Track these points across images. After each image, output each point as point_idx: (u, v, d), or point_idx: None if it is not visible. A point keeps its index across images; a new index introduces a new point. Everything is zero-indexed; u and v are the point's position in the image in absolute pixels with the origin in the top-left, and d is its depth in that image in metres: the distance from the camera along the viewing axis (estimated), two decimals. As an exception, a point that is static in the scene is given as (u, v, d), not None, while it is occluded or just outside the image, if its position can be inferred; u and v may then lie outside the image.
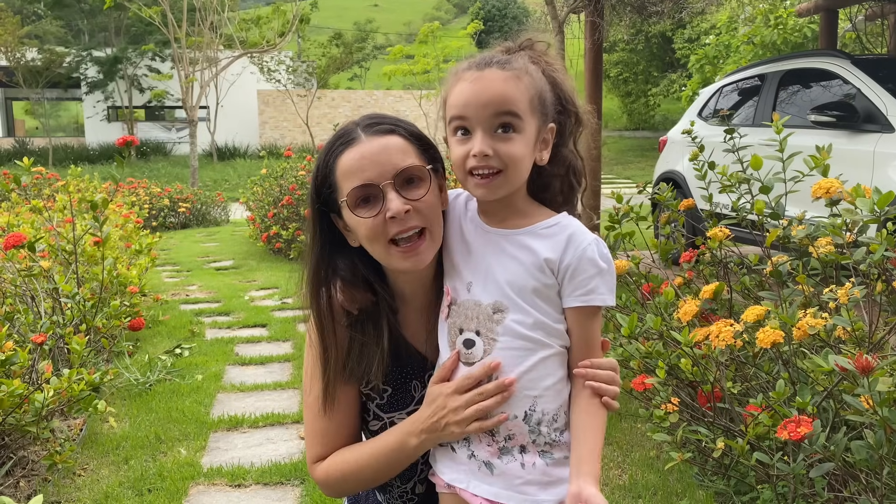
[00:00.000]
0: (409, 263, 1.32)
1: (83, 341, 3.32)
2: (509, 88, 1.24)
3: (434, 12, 67.06)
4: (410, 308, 1.45)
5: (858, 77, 5.52)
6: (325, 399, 1.40)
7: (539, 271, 1.28)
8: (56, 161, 25.68)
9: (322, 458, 1.44)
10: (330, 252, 1.40)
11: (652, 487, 2.93)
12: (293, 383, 4.44)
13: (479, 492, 1.30)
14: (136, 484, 3.12)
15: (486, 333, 1.29)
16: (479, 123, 1.24)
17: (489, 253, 1.32)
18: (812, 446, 1.81)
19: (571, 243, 1.27)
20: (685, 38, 24.18)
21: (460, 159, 1.26)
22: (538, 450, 1.29)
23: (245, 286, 7.59)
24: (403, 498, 1.52)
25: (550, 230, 1.30)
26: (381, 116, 1.40)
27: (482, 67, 1.26)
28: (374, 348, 1.39)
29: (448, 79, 1.32)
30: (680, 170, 7.22)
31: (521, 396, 1.28)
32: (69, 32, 31.88)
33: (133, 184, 13.32)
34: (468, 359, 1.30)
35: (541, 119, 1.28)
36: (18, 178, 4.04)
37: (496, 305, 1.28)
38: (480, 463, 1.30)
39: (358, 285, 1.39)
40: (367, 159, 1.32)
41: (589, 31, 7.48)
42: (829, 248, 2.42)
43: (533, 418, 1.28)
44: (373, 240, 1.32)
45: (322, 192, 1.38)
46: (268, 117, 29.99)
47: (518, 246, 1.30)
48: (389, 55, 17.98)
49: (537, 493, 1.28)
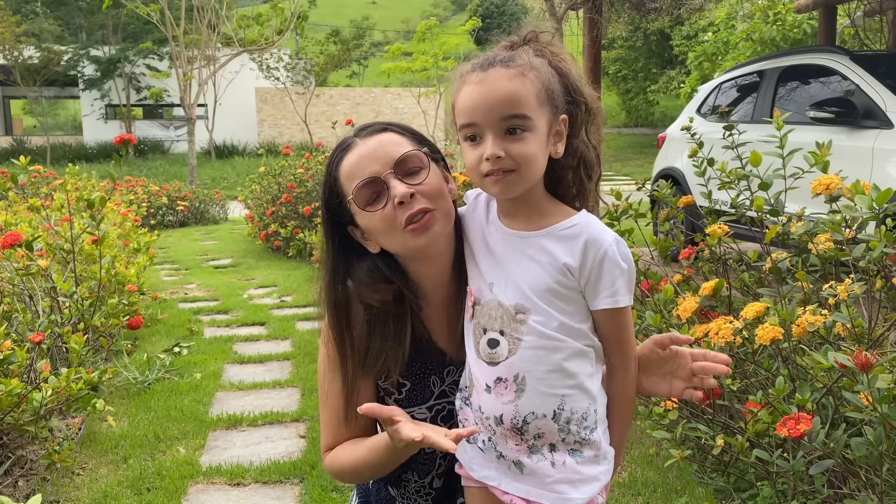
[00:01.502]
0: (423, 241, 1.33)
1: (81, 340, 3.31)
2: (515, 87, 1.22)
3: (432, 9, 66.93)
4: (431, 304, 1.45)
5: (857, 73, 5.51)
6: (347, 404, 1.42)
7: (559, 274, 1.27)
8: (54, 160, 25.63)
9: (332, 448, 1.47)
10: (346, 259, 1.42)
11: (651, 485, 2.93)
12: (292, 381, 4.44)
13: (510, 489, 1.31)
14: (135, 483, 3.12)
15: (510, 333, 1.28)
16: (489, 127, 1.23)
17: (510, 255, 1.31)
18: (812, 443, 1.81)
19: (591, 247, 1.26)
20: (683, 35, 24.16)
21: (474, 164, 1.26)
22: (568, 448, 1.29)
23: (244, 284, 7.58)
24: (420, 492, 1.52)
25: (569, 231, 1.29)
26: (373, 122, 1.44)
27: (486, 68, 1.25)
28: (396, 346, 1.40)
29: (453, 82, 1.32)
30: (679, 166, 7.22)
31: (548, 396, 1.27)
32: (66, 30, 31.83)
33: (131, 182, 13.31)
34: (492, 358, 1.30)
35: (551, 112, 1.26)
36: (16, 177, 4.04)
37: (518, 307, 1.28)
38: (510, 462, 1.31)
39: (378, 283, 1.40)
40: (365, 157, 1.35)
41: (587, 27, 7.48)
42: (829, 244, 2.41)
43: (562, 417, 1.28)
44: (387, 231, 1.34)
45: (331, 203, 1.40)
46: (266, 115, 29.94)
47: (537, 248, 1.29)
48: (388, 53, 17.91)
49: (569, 491, 1.28)
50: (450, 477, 1.49)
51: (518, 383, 1.27)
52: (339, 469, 1.44)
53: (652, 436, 2.66)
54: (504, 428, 1.29)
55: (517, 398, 1.28)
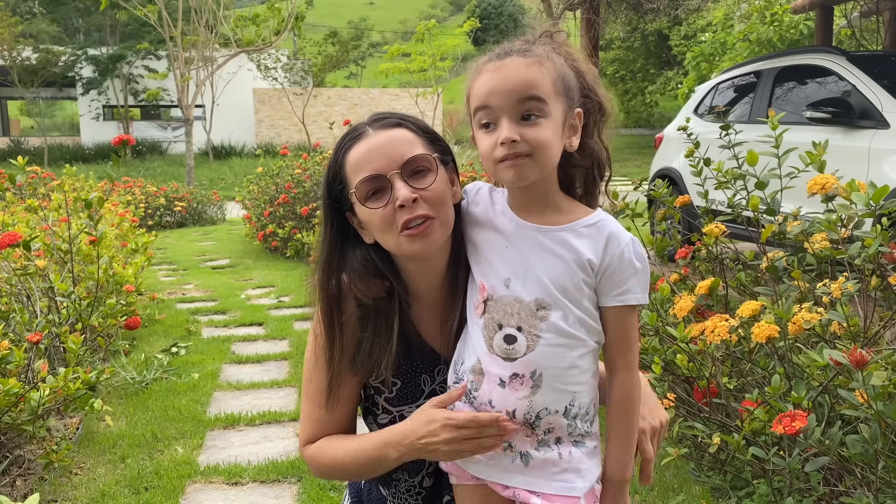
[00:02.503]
0: (417, 246, 1.32)
1: (79, 340, 3.31)
2: (532, 73, 1.23)
3: (430, 10, 66.98)
4: (423, 304, 1.45)
5: (854, 73, 5.52)
6: (329, 394, 1.40)
7: (581, 270, 1.27)
8: (51, 160, 25.60)
9: (313, 441, 1.45)
10: (342, 245, 1.41)
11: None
12: (290, 381, 4.44)
13: (514, 483, 1.31)
14: (133, 482, 3.12)
15: (528, 329, 1.28)
16: (504, 111, 1.23)
17: (528, 249, 1.30)
18: (807, 441, 1.82)
19: (610, 244, 1.27)
20: (681, 36, 24.19)
21: (488, 150, 1.25)
22: (572, 440, 1.31)
23: (241, 285, 7.58)
24: (411, 492, 1.52)
25: (590, 229, 1.29)
26: (389, 112, 1.41)
27: (503, 57, 1.26)
28: (385, 343, 1.39)
29: (469, 74, 1.32)
30: (676, 166, 7.23)
31: (562, 392, 1.29)
32: (64, 31, 31.79)
33: (129, 183, 13.30)
34: (509, 354, 1.28)
35: (566, 103, 1.27)
36: (13, 178, 4.03)
37: (539, 302, 1.27)
38: (517, 454, 1.31)
39: (371, 276, 1.39)
40: (374, 151, 1.33)
41: (585, 28, 7.49)
42: (825, 243, 2.42)
43: (571, 412, 1.30)
44: (384, 230, 1.33)
45: (333, 188, 1.39)
46: (264, 116, 29.92)
47: (559, 243, 1.29)
48: (387, 55, 17.92)
49: (574, 479, 1.30)
50: (440, 475, 1.49)
51: (535, 379, 1.28)
52: (326, 462, 1.42)
53: (649, 434, 2.66)
54: (515, 422, 1.29)
55: (532, 394, 1.28)
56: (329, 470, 1.45)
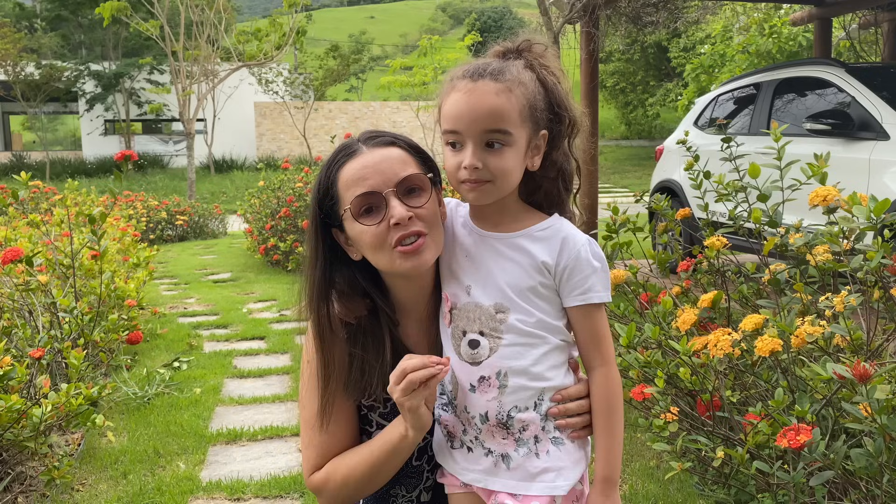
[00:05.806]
0: (410, 264, 1.34)
1: (81, 355, 3.31)
2: (500, 102, 1.27)
3: (430, 23, 67.34)
4: (412, 319, 1.46)
5: (853, 85, 5.54)
6: (324, 413, 1.41)
7: (537, 273, 1.33)
8: (53, 175, 25.68)
9: (319, 467, 1.44)
10: (331, 265, 1.41)
11: (652, 497, 2.92)
12: (292, 396, 4.43)
13: (497, 486, 1.35)
14: (135, 499, 3.11)
15: (490, 333, 1.33)
16: (471, 137, 1.28)
17: (486, 256, 1.36)
18: (812, 454, 1.81)
19: (566, 246, 1.32)
20: (681, 48, 24.29)
21: (453, 169, 1.32)
22: (549, 437, 1.34)
23: (243, 298, 7.58)
24: None
25: (545, 233, 1.35)
26: (380, 131, 1.43)
27: (476, 78, 1.29)
28: (374, 362, 1.40)
29: (444, 84, 1.35)
30: (677, 179, 7.24)
31: (529, 389, 1.33)
32: (66, 46, 31.95)
33: (130, 197, 13.32)
34: (475, 358, 1.34)
35: (532, 128, 1.31)
36: (16, 193, 4.05)
37: (498, 306, 1.33)
38: (497, 458, 1.35)
39: (355, 296, 1.40)
40: (369, 168, 1.34)
41: (584, 41, 7.52)
42: (827, 255, 2.42)
43: (542, 408, 1.34)
44: (377, 247, 1.34)
45: (324, 204, 1.39)
46: (265, 129, 30.03)
47: (515, 248, 1.34)
48: (389, 70, 18.02)
49: (555, 479, 1.33)
50: (437, 490, 1.49)
51: (501, 379, 1.33)
52: (340, 477, 1.40)
53: (652, 448, 2.65)
54: (490, 425, 1.34)
55: (500, 394, 1.33)
56: (342, 487, 1.42)
